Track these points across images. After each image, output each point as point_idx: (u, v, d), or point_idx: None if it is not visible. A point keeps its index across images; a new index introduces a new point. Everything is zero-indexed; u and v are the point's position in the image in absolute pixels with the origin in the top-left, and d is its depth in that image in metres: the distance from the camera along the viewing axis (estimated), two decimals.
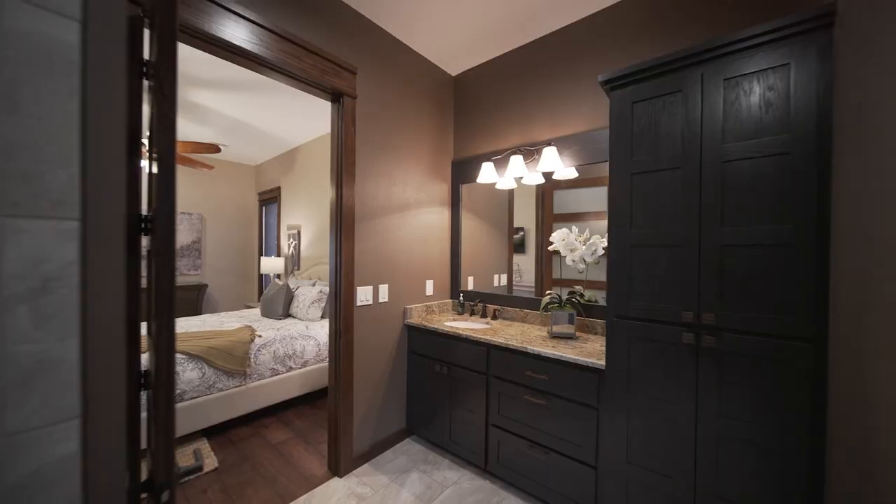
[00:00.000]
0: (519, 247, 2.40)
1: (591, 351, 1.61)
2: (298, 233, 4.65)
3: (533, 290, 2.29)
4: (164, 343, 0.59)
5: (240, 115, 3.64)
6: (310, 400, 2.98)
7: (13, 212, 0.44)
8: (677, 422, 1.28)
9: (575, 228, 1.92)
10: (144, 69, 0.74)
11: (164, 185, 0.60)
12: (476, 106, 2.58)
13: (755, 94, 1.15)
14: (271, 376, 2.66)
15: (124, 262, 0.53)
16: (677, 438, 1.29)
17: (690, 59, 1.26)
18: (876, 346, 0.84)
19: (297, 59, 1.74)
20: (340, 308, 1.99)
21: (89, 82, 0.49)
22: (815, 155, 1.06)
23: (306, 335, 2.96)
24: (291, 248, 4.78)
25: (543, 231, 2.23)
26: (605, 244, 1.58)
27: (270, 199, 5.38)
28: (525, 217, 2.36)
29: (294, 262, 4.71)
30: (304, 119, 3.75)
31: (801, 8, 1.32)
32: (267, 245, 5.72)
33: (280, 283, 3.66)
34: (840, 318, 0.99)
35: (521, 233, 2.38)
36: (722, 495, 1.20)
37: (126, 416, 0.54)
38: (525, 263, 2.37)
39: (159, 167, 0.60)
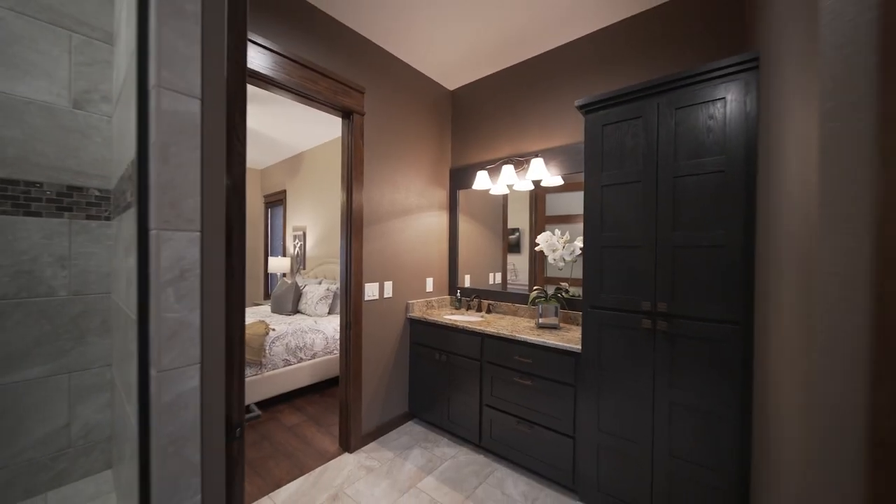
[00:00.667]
0: (514, 247, 2.64)
1: (570, 338, 1.86)
2: (304, 234, 4.89)
3: (527, 287, 2.53)
4: (236, 318, 0.83)
5: (248, 123, 3.87)
6: (318, 389, 3.22)
7: (166, 227, 0.67)
8: (638, 393, 1.53)
9: (557, 231, 2.16)
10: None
11: (237, 206, 0.83)
12: (472, 118, 2.83)
13: (700, 120, 1.40)
14: (284, 366, 2.90)
15: (224, 259, 0.77)
16: (638, 408, 1.53)
17: (649, 91, 1.51)
18: (776, 327, 1.08)
19: (314, 83, 1.97)
20: (350, 302, 2.23)
21: (205, 139, 0.73)
22: (743, 172, 1.30)
23: (315, 329, 3.20)
24: (297, 249, 5.02)
25: (536, 232, 2.47)
26: (582, 245, 1.82)
27: (276, 201, 5.61)
28: (520, 219, 2.60)
29: (300, 262, 4.94)
30: (309, 126, 3.98)
31: (740, 52, 1.58)
32: (273, 245, 5.94)
33: (289, 281, 3.89)
34: (758, 304, 1.23)
35: (517, 234, 2.61)
36: (673, 453, 1.45)
37: (224, 368, 0.78)
38: (520, 263, 2.60)
39: (233, 190, 0.84)
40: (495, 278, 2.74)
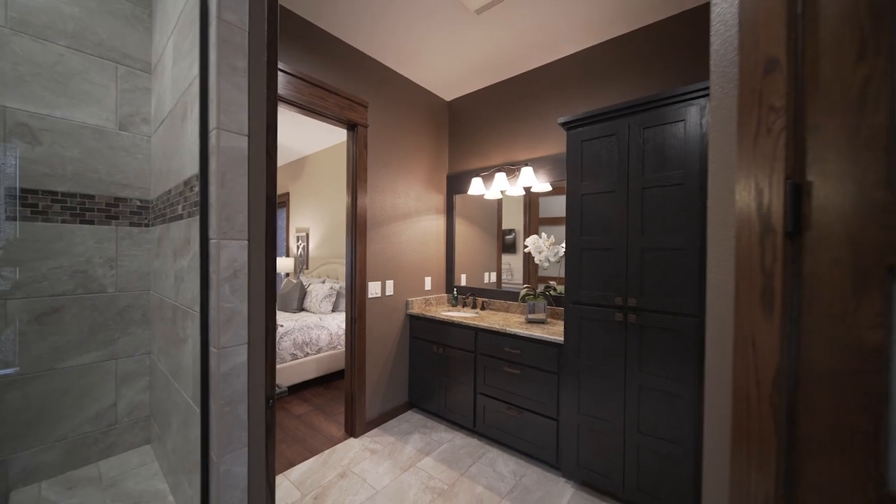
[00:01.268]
0: (510, 248, 2.83)
1: (555, 331, 2.06)
2: (307, 235, 5.07)
3: (521, 286, 2.73)
4: (271, 309, 1.03)
5: None
6: (323, 382, 3.42)
7: (223, 237, 0.87)
8: (612, 378, 1.73)
9: (544, 235, 2.36)
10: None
11: (272, 218, 1.03)
12: (467, 127, 3.02)
13: (664, 139, 1.60)
14: (291, 360, 3.09)
15: (264, 262, 0.97)
16: (612, 391, 1.74)
17: (621, 112, 1.71)
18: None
19: (322, 100, 2.17)
20: (355, 300, 2.43)
21: (251, 166, 0.93)
22: (698, 184, 1.51)
23: (320, 325, 3.39)
24: (300, 249, 5.20)
25: (530, 233, 2.66)
26: (565, 247, 2.03)
27: (279, 203, 5.80)
28: (515, 221, 2.79)
29: (303, 262, 5.13)
30: (311, 132, 4.17)
31: (696, 80, 1.78)
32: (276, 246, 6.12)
33: (294, 281, 4.08)
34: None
35: (513, 234, 2.80)
36: (641, 429, 1.65)
37: (265, 348, 0.98)
38: (515, 263, 2.80)
39: (269, 204, 1.04)
40: (490, 277, 2.94)
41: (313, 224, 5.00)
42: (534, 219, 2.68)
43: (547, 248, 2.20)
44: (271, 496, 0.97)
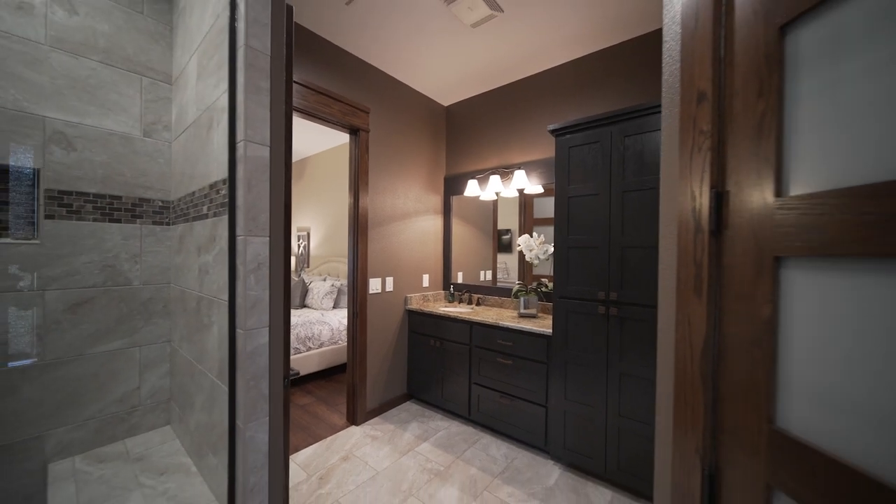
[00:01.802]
0: (507, 247, 2.96)
1: (544, 324, 2.20)
2: (308, 234, 5.20)
3: (516, 283, 2.87)
4: (287, 297, 1.16)
5: None
6: (325, 375, 3.55)
7: (249, 234, 1.01)
8: (595, 367, 1.88)
9: (535, 234, 2.51)
10: None
11: (288, 218, 1.17)
12: (464, 132, 3.17)
13: (643, 146, 1.75)
14: (294, 354, 3.22)
15: (282, 256, 1.10)
16: (595, 379, 1.88)
17: (605, 121, 1.85)
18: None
19: (327, 107, 2.31)
20: (357, 295, 2.57)
21: (272, 172, 1.06)
22: None
23: (322, 321, 3.52)
24: (301, 248, 5.33)
25: (524, 233, 2.80)
26: (553, 246, 2.17)
27: None
28: (511, 221, 2.93)
29: (304, 261, 5.26)
30: (312, 135, 4.30)
31: None
32: None
33: (296, 278, 4.21)
34: None
35: (509, 234, 2.94)
36: (621, 413, 1.80)
37: (283, 332, 1.11)
38: (511, 262, 2.93)
39: (286, 206, 1.17)
40: (486, 275, 3.08)
41: (314, 224, 5.13)
42: (528, 219, 2.82)
43: (537, 246, 2.34)
44: (286, 460, 1.11)
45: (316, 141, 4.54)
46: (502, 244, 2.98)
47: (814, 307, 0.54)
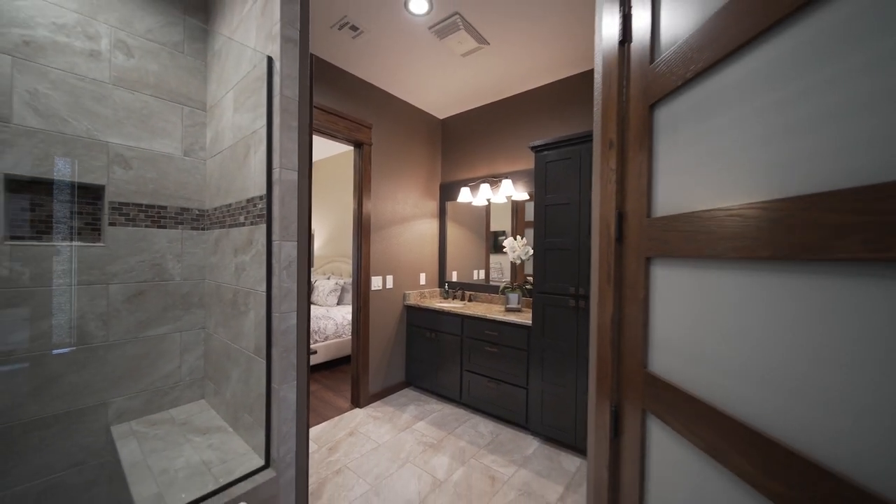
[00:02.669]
0: (501, 249, 3.24)
1: (526, 317, 2.50)
2: (312, 236, 5.51)
3: (508, 282, 3.16)
4: (309, 288, 1.46)
5: None
6: (330, 366, 3.85)
7: (282, 239, 1.31)
8: (567, 352, 2.18)
9: (518, 237, 2.81)
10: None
11: (308, 224, 1.46)
12: (458, 143, 3.47)
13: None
14: None
15: (306, 257, 1.40)
16: (567, 363, 2.18)
17: (576, 141, 2.15)
18: None
19: (334, 124, 2.61)
20: (360, 292, 2.86)
21: (299, 193, 1.36)
22: None
23: (327, 317, 3.82)
24: None
25: (515, 236, 3.09)
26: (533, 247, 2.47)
27: None
28: (505, 223, 3.21)
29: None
30: (317, 143, 4.59)
31: None
32: None
33: None
34: None
35: (504, 236, 3.22)
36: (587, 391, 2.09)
37: (306, 315, 1.41)
38: (505, 261, 3.22)
39: (308, 215, 1.47)
40: (479, 274, 3.38)
41: (318, 226, 5.43)
42: (520, 222, 3.11)
43: (519, 248, 2.65)
44: (308, 415, 1.41)
45: (319, 149, 4.84)
46: (498, 246, 3.26)
47: (665, 289, 0.84)
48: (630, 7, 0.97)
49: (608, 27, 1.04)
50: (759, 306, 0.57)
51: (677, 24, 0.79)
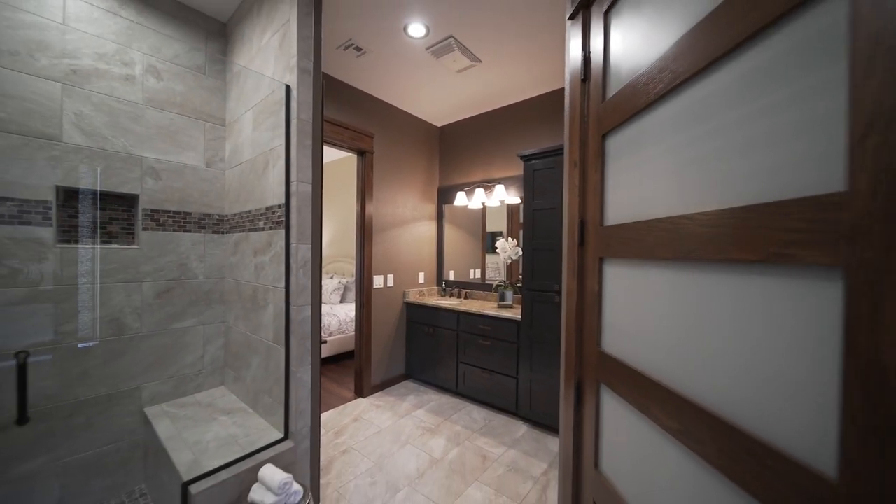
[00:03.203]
0: (495, 249, 3.44)
1: (517, 312, 2.71)
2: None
3: (505, 281, 3.37)
4: (320, 285, 1.68)
5: None
6: (333, 361, 4.06)
7: (299, 242, 1.52)
8: (551, 343, 2.39)
9: (510, 238, 3.02)
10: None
11: (319, 230, 1.67)
12: (454, 149, 3.68)
13: None
14: None
15: (319, 258, 1.61)
16: (551, 353, 2.39)
17: (559, 151, 2.36)
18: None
19: (339, 135, 2.82)
20: (363, 290, 3.07)
21: (313, 202, 1.57)
22: None
23: (331, 314, 4.03)
24: None
25: (512, 236, 3.29)
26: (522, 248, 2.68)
27: None
28: (501, 225, 3.41)
29: None
30: None
31: None
32: None
33: None
34: None
35: (500, 237, 3.43)
36: None
37: (318, 308, 1.62)
38: (501, 261, 3.42)
39: (319, 221, 1.68)
40: (475, 273, 3.58)
41: (323, 228, 5.63)
42: (514, 224, 3.32)
43: (510, 248, 2.86)
44: (319, 393, 1.62)
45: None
46: (493, 246, 3.46)
47: (613, 283, 1.05)
48: (589, 52, 1.18)
49: (573, 66, 1.26)
50: (666, 294, 0.78)
51: (620, 73, 1.00)
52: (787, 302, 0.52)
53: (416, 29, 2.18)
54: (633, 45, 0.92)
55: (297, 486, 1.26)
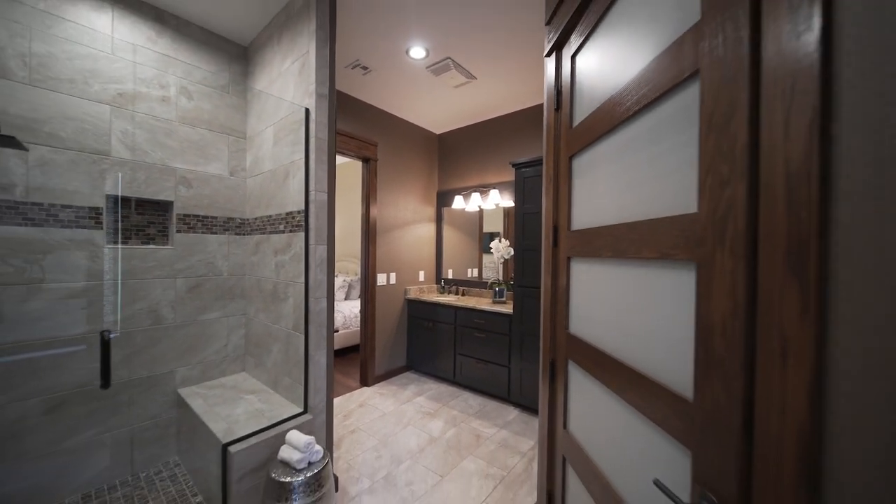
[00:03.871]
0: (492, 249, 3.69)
1: (509, 307, 2.96)
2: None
3: (502, 279, 3.62)
4: (334, 281, 1.92)
5: None
6: (339, 354, 4.31)
7: (316, 243, 1.77)
8: (540, 335, 2.63)
9: (504, 240, 3.27)
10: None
11: (332, 232, 1.92)
12: (452, 155, 3.92)
13: None
14: None
15: (333, 257, 1.86)
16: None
17: None
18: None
19: (346, 144, 3.07)
20: (368, 287, 3.32)
21: (328, 208, 1.82)
22: None
23: (337, 310, 4.28)
24: None
25: (508, 237, 3.54)
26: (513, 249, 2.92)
27: None
28: (498, 226, 3.65)
29: None
30: None
31: None
32: None
33: None
34: None
35: (497, 238, 3.67)
36: None
37: (332, 301, 1.87)
38: (496, 260, 3.67)
39: (333, 224, 1.93)
40: (472, 272, 3.83)
41: None
42: (510, 226, 3.56)
43: (503, 249, 3.11)
44: (332, 375, 1.87)
45: None
46: (490, 246, 3.71)
47: (577, 277, 1.30)
48: (561, 86, 1.43)
49: (549, 96, 1.50)
50: (604, 283, 1.03)
51: (583, 106, 1.25)
52: (669, 284, 0.77)
53: (417, 51, 2.43)
54: (591, 85, 1.17)
55: (318, 447, 1.51)
